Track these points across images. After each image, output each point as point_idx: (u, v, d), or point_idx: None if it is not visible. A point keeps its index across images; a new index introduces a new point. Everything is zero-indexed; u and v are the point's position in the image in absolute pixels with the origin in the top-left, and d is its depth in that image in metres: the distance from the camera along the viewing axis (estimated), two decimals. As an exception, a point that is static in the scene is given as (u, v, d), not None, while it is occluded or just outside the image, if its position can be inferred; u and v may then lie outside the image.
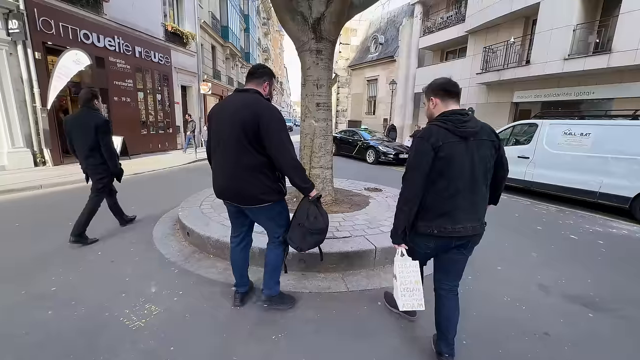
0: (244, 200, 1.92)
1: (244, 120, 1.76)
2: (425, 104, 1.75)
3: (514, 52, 10.83)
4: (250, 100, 1.84)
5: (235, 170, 1.86)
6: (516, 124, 7.16)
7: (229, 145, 1.84)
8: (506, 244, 3.82)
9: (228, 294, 2.42)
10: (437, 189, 1.55)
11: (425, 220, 1.61)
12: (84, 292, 2.38)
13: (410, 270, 1.67)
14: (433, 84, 1.69)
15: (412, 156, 1.58)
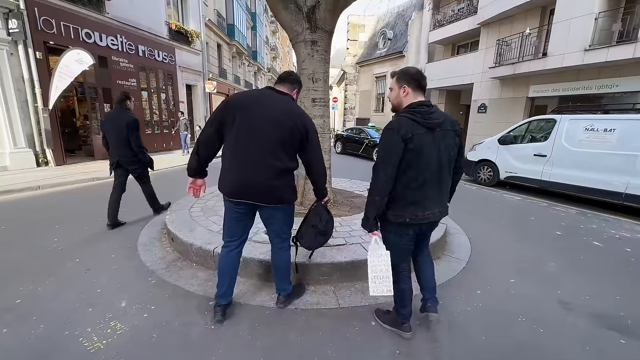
0: (270, 199, 1.88)
1: (291, 129, 1.81)
2: (393, 89, 1.75)
3: (530, 44, 10.24)
4: (293, 108, 1.90)
5: (269, 170, 1.82)
6: (532, 120, 6.70)
7: (266, 144, 1.79)
8: (521, 252, 3.46)
9: (204, 309, 2.19)
10: (407, 179, 1.61)
11: (396, 210, 1.67)
12: (49, 306, 2.19)
13: (382, 259, 1.71)
14: (408, 72, 1.71)
15: (382, 148, 1.61)
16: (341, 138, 13.35)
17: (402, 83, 1.69)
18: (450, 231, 3.87)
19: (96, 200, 5.08)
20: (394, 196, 1.64)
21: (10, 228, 3.71)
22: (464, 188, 6.99)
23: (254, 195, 1.86)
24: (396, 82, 1.72)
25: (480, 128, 12.67)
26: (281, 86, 1.96)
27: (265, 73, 31.00)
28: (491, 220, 4.60)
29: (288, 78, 2.00)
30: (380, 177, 1.59)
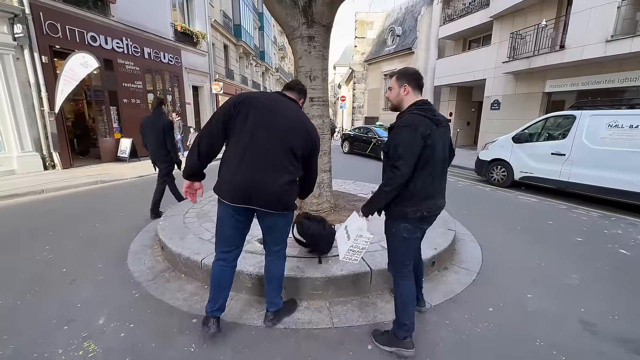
0: (277, 205, 1.77)
1: (305, 138, 1.78)
2: (393, 89, 1.79)
3: (546, 37, 9.74)
4: (301, 114, 1.88)
5: (282, 174, 1.73)
6: (549, 116, 6.29)
7: (284, 148, 1.72)
8: (538, 262, 3.17)
9: (186, 328, 2.02)
10: (425, 174, 1.65)
11: (414, 205, 1.69)
12: (25, 322, 2.06)
13: (362, 241, 1.83)
14: (408, 72, 1.77)
15: (401, 145, 1.60)
16: (348, 137, 13.09)
17: (403, 82, 1.74)
18: (459, 237, 3.60)
19: (97, 204, 5.03)
20: (412, 192, 1.67)
21: (5, 234, 3.65)
22: (475, 189, 6.65)
23: (259, 200, 1.72)
24: (396, 82, 1.77)
25: (493, 126, 12.19)
26: (290, 94, 1.93)
27: (274, 73, 30.95)
28: (505, 225, 4.29)
29: (296, 87, 1.99)
30: (397, 173, 1.60)
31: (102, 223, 4.07)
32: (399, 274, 1.85)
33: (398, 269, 1.85)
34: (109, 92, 9.11)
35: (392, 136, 1.68)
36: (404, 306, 1.82)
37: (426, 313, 2.23)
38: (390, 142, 1.67)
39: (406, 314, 1.82)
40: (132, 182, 6.95)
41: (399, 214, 1.72)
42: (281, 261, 2.02)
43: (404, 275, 1.85)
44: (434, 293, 2.47)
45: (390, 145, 1.65)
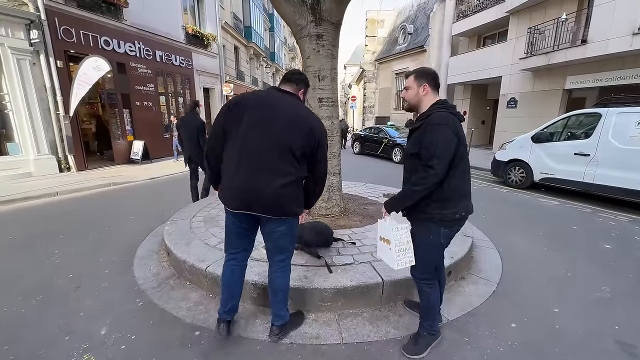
0: (274, 210, 1.67)
1: (302, 132, 1.64)
2: (411, 88, 1.72)
3: (566, 31, 9.31)
4: (301, 108, 1.74)
5: (277, 176, 1.62)
6: (571, 115, 5.96)
7: (277, 147, 1.61)
8: (563, 271, 2.95)
9: (188, 341, 1.93)
10: (459, 172, 1.61)
11: (451, 207, 1.64)
12: (28, 331, 2.02)
13: (404, 232, 1.71)
14: (427, 71, 1.73)
15: (436, 143, 1.54)
16: (359, 138, 12.91)
17: (422, 82, 1.69)
18: (476, 244, 3.41)
19: (108, 207, 5.06)
20: (448, 192, 1.61)
21: (17, 238, 3.69)
22: (492, 191, 6.38)
23: (258, 205, 1.65)
24: (415, 81, 1.71)
25: (509, 124, 11.77)
26: (287, 86, 1.78)
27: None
28: (525, 230, 4.05)
29: (293, 77, 1.81)
30: (431, 172, 1.53)
31: (112, 226, 4.07)
32: (428, 283, 1.80)
33: (427, 277, 1.80)
34: (121, 95, 9.26)
35: (423, 135, 1.59)
36: (435, 313, 1.87)
37: (443, 328, 2.07)
38: (422, 141, 1.58)
39: (436, 318, 1.90)
40: (144, 184, 7.01)
41: (438, 219, 1.64)
42: (284, 273, 1.88)
43: (432, 283, 1.81)
44: (450, 305, 2.31)
45: (423, 145, 1.57)
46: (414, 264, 1.74)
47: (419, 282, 1.82)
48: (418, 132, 1.64)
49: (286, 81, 1.80)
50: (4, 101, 6.90)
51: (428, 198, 1.61)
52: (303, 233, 2.62)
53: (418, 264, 1.79)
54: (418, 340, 1.86)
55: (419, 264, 1.78)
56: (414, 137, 1.68)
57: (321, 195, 3.52)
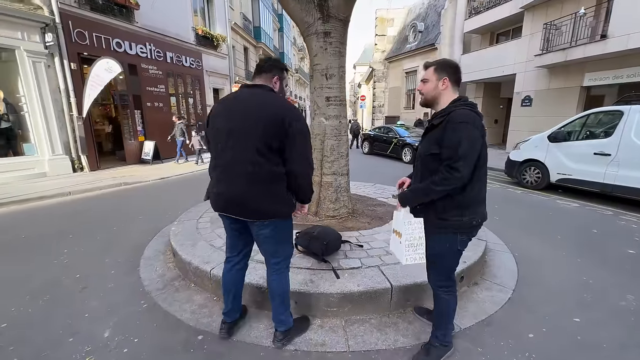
0: (249, 212, 1.61)
1: (265, 122, 1.52)
2: (429, 81, 1.57)
3: (585, 26, 8.96)
4: (267, 98, 1.60)
5: (244, 176, 1.57)
6: (590, 113, 5.71)
7: (242, 148, 1.55)
8: (584, 278, 2.79)
9: (191, 346, 1.89)
10: (481, 174, 1.51)
11: (471, 213, 1.53)
12: (33, 332, 2.02)
13: (417, 226, 1.61)
14: (449, 63, 1.58)
15: (462, 143, 1.39)
16: (368, 137, 12.77)
17: (443, 75, 1.55)
18: (490, 247, 3.27)
19: (118, 207, 5.11)
20: (470, 197, 1.50)
21: (30, 237, 3.74)
22: (506, 192, 6.18)
23: (233, 208, 1.64)
24: (435, 73, 1.56)
25: (524, 123, 11.44)
26: (258, 78, 1.69)
27: (293, 74, 31.06)
28: (542, 233, 3.88)
29: (264, 66, 1.69)
30: (456, 174, 1.40)
31: (121, 226, 4.10)
32: (447, 290, 1.70)
33: (445, 284, 1.70)
34: (133, 96, 9.38)
35: (443, 134, 1.45)
36: (449, 322, 1.77)
37: (455, 337, 1.96)
38: (443, 140, 1.44)
39: (450, 328, 1.79)
40: (154, 184, 7.08)
41: (457, 226, 1.53)
42: (279, 276, 1.80)
43: (451, 289, 1.71)
44: (463, 313, 2.20)
45: (444, 144, 1.43)
46: (423, 262, 1.65)
47: (436, 290, 1.73)
48: (436, 130, 1.50)
49: (257, 72, 1.70)
50: (21, 103, 7.07)
51: (448, 203, 1.50)
52: (309, 243, 2.54)
53: (434, 270, 1.71)
54: (430, 351, 1.76)
55: (434, 271, 1.70)
56: (432, 137, 1.53)
57: (329, 196, 3.50)
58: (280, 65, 1.72)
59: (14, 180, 6.65)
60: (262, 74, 1.68)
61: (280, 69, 1.71)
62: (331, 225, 3.15)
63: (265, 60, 1.72)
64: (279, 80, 1.71)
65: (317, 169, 3.54)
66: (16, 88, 7.02)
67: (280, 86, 1.73)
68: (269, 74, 1.67)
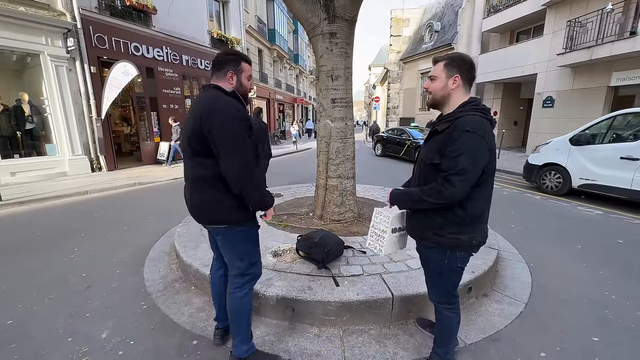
0: (202, 218, 1.59)
1: (191, 126, 1.46)
2: (438, 78, 1.39)
3: (613, 23, 8.47)
4: (201, 100, 1.51)
5: (192, 183, 1.56)
6: (617, 114, 5.37)
7: (188, 158, 1.56)
8: (606, 293, 2.59)
9: (185, 351, 1.87)
10: (487, 191, 1.37)
11: (469, 232, 1.39)
12: (36, 330, 2.06)
13: (382, 219, 1.60)
14: (462, 58, 1.37)
15: (464, 156, 1.24)
16: (381, 139, 12.60)
17: (454, 72, 1.36)
18: (503, 256, 3.11)
19: (131, 206, 5.23)
20: (472, 215, 1.36)
21: (44, 235, 3.88)
22: (524, 197, 5.90)
23: (194, 216, 1.61)
24: (445, 70, 1.37)
25: (545, 125, 10.95)
26: (213, 77, 1.57)
27: (307, 76, 31.17)
28: (561, 243, 3.66)
29: (217, 63, 1.55)
30: (449, 189, 1.27)
31: (131, 226, 4.18)
32: (449, 307, 1.59)
33: (447, 300, 1.59)
34: (150, 99, 9.65)
35: (447, 141, 1.29)
36: (452, 339, 1.68)
37: (459, 352, 1.85)
38: (445, 148, 1.29)
39: (452, 345, 1.70)
40: (167, 184, 7.22)
41: (454, 244, 1.40)
42: (234, 294, 1.61)
43: (454, 307, 1.60)
44: (469, 327, 2.08)
45: (446, 153, 1.28)
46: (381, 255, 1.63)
47: (438, 307, 1.62)
48: (440, 137, 1.34)
49: (212, 70, 1.58)
50: (44, 105, 7.40)
51: (447, 219, 1.37)
52: (310, 251, 2.48)
53: (434, 287, 1.60)
54: None
55: (435, 287, 1.60)
56: (435, 142, 1.37)
57: (334, 200, 3.43)
58: (235, 58, 1.56)
59: (37, 179, 6.95)
60: (215, 74, 1.56)
61: (234, 62, 1.55)
62: (335, 230, 3.09)
63: (219, 56, 1.57)
64: (234, 75, 1.54)
65: (322, 171, 3.48)
66: (40, 91, 7.36)
67: (238, 81, 1.56)
68: (221, 71, 1.54)
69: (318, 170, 3.56)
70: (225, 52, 1.59)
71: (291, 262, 2.52)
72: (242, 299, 1.62)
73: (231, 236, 1.58)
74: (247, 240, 1.62)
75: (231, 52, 1.60)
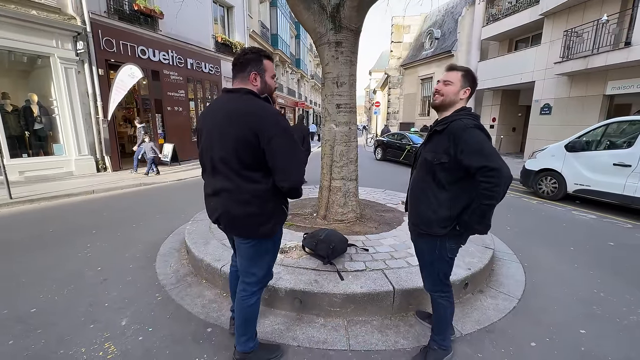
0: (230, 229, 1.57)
1: (237, 137, 1.36)
2: (454, 84, 1.54)
3: (608, 33, 8.71)
4: (239, 106, 1.40)
5: (230, 197, 1.46)
6: (610, 122, 5.55)
7: (211, 162, 1.47)
8: (595, 291, 2.73)
9: (200, 337, 2.01)
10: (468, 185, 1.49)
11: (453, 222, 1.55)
12: (58, 318, 2.19)
13: None
14: (474, 76, 1.58)
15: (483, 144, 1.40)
16: (381, 144, 12.78)
17: (467, 84, 1.55)
18: (498, 256, 3.26)
19: (138, 206, 5.36)
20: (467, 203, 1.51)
21: (57, 231, 4.01)
22: (520, 201, 6.06)
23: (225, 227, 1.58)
24: (462, 80, 1.55)
25: (543, 132, 11.16)
26: (235, 80, 1.50)
27: (309, 80, 31.47)
28: (555, 244, 3.81)
29: (237, 64, 1.47)
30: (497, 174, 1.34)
31: (140, 224, 4.32)
32: (443, 295, 1.73)
33: (440, 288, 1.73)
34: (155, 101, 9.83)
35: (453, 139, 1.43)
36: (447, 327, 1.80)
37: (455, 342, 1.99)
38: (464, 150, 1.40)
39: (448, 333, 1.82)
40: (171, 185, 7.37)
41: (451, 234, 1.56)
42: (243, 300, 1.60)
43: (447, 294, 1.73)
44: (465, 320, 2.22)
45: (465, 151, 1.39)
46: None
47: (433, 295, 1.76)
48: (442, 136, 1.48)
49: (234, 69, 1.50)
50: (52, 106, 7.56)
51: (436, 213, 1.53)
52: (316, 248, 2.62)
53: (427, 276, 1.75)
54: (428, 354, 1.80)
55: (428, 276, 1.74)
56: (439, 143, 1.49)
57: (337, 201, 3.58)
58: (255, 57, 1.46)
59: (44, 178, 7.08)
60: (238, 74, 1.49)
61: (256, 62, 1.46)
62: (338, 229, 3.23)
63: (238, 57, 1.47)
64: (257, 76, 1.46)
65: (326, 173, 3.63)
66: (49, 92, 7.52)
67: (262, 82, 1.49)
68: (244, 72, 1.46)
69: (322, 172, 3.72)
70: (244, 51, 1.50)
71: (298, 258, 2.66)
72: (252, 307, 1.62)
73: (260, 247, 1.55)
74: (272, 252, 1.64)
75: (251, 50, 1.49)
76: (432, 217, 1.56)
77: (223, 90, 1.53)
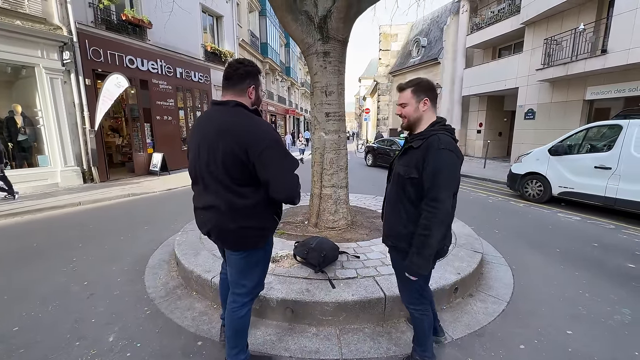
0: (222, 242, 1.59)
1: (224, 150, 1.35)
2: (409, 104, 1.53)
3: (585, 41, 9.09)
4: (227, 119, 1.39)
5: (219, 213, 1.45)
6: (591, 126, 5.76)
7: (201, 176, 1.47)
8: (580, 291, 2.80)
9: (190, 351, 1.97)
10: (454, 202, 1.48)
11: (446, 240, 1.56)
12: (42, 336, 2.12)
13: None
14: (425, 83, 1.54)
15: (444, 172, 1.38)
16: (372, 150, 12.91)
17: (422, 96, 1.52)
18: (487, 260, 3.32)
19: (125, 217, 5.26)
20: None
21: (40, 245, 3.90)
22: (508, 205, 6.19)
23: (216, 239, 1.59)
24: (413, 95, 1.52)
25: (527, 136, 11.48)
26: (226, 92, 1.47)
27: (299, 87, 31.69)
28: (541, 247, 3.90)
29: (234, 75, 1.44)
30: (446, 206, 1.38)
31: (128, 236, 4.23)
32: (417, 309, 1.70)
33: (417, 301, 1.69)
34: (143, 110, 9.73)
35: (423, 158, 1.41)
36: (427, 340, 1.77)
37: (446, 346, 2.01)
38: (423, 166, 1.40)
39: (429, 344, 1.79)
40: (160, 195, 7.26)
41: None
42: (233, 312, 1.58)
43: (421, 309, 1.70)
44: (456, 324, 2.25)
45: (426, 171, 1.39)
46: None
47: (408, 308, 1.73)
48: (416, 153, 1.45)
49: (227, 81, 1.46)
50: (37, 117, 7.41)
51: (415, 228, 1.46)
52: (307, 256, 2.62)
53: (405, 290, 1.73)
54: None
55: (405, 290, 1.72)
56: (412, 158, 1.47)
57: (328, 208, 3.60)
58: (254, 71, 1.47)
59: (29, 190, 6.89)
60: (231, 88, 1.46)
61: (254, 75, 1.46)
62: (330, 237, 3.23)
63: (235, 68, 1.44)
64: (254, 90, 1.47)
65: (317, 181, 3.65)
66: (34, 102, 7.38)
67: (256, 95, 1.50)
68: (242, 84, 1.45)
69: (312, 180, 3.74)
70: (241, 63, 1.47)
71: (289, 267, 2.65)
72: (242, 318, 1.61)
73: (251, 258, 1.55)
74: (263, 262, 1.63)
75: (249, 64, 1.48)
76: (402, 231, 1.54)
77: (212, 103, 1.51)
